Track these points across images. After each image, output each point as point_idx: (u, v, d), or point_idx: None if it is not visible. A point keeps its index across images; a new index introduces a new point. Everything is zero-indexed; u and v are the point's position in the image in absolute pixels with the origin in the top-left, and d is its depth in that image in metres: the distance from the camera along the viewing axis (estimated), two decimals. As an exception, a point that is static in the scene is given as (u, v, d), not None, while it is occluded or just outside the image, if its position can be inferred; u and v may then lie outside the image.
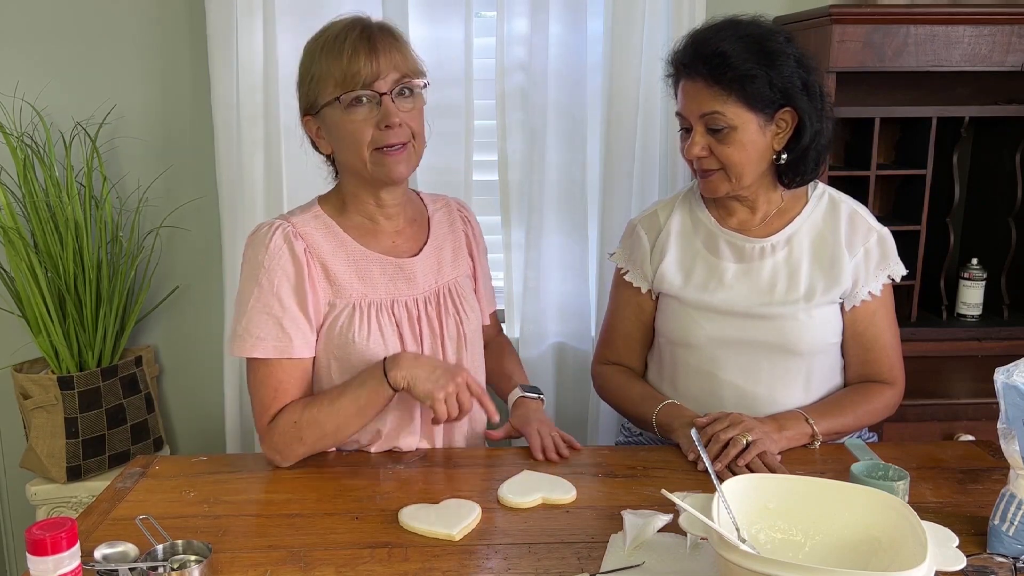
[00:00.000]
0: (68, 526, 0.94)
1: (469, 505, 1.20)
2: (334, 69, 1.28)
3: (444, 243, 1.49)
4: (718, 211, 1.56)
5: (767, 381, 1.48)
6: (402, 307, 1.40)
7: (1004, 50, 1.88)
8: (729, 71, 1.38)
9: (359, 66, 1.27)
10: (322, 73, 1.30)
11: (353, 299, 1.37)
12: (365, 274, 1.39)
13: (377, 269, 1.40)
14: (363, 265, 1.39)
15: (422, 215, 1.51)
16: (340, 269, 1.37)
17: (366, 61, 1.27)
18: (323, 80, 1.30)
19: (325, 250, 1.37)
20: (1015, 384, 1.03)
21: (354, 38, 1.28)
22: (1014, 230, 2.09)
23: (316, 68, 1.31)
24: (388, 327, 1.38)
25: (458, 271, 1.50)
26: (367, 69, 1.27)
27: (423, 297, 1.42)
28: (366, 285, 1.38)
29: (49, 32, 2.10)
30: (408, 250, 1.44)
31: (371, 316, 1.37)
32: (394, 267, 1.41)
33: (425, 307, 1.42)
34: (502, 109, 2.07)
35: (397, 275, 1.41)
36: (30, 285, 1.97)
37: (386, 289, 1.39)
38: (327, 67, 1.29)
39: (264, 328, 1.33)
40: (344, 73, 1.28)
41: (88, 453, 2.03)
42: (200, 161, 2.15)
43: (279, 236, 1.35)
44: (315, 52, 1.32)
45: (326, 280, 1.37)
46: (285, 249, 1.34)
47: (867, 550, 0.98)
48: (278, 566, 1.07)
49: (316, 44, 1.33)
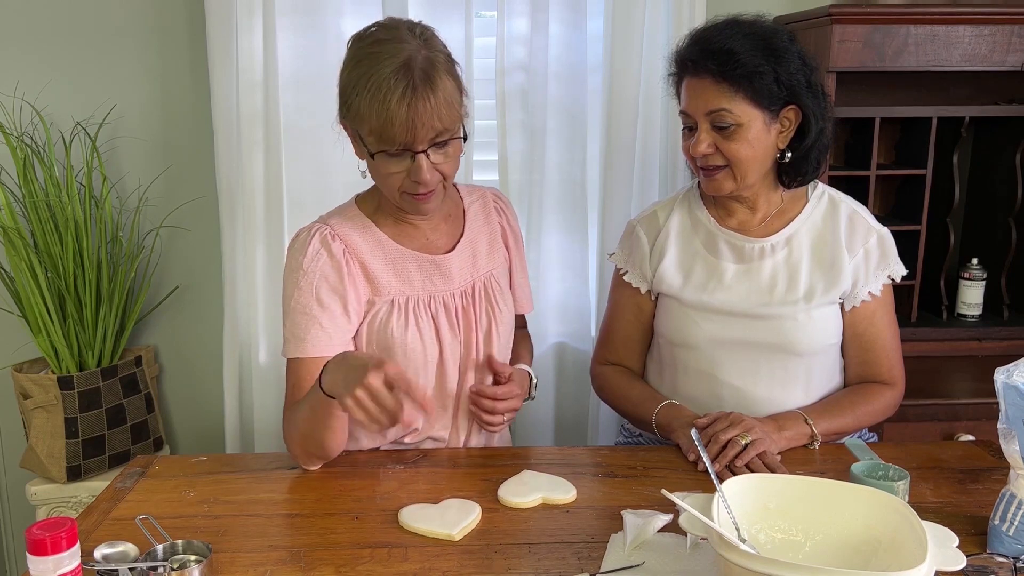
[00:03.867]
0: (68, 526, 0.93)
1: (469, 505, 1.20)
2: (372, 121, 1.24)
3: (479, 236, 1.50)
4: (718, 211, 1.56)
5: (767, 382, 1.48)
6: (439, 302, 1.42)
7: (1004, 50, 1.88)
8: (738, 67, 1.38)
9: (395, 132, 1.23)
10: (360, 114, 1.25)
11: (392, 296, 1.39)
12: (402, 271, 1.41)
13: (414, 266, 1.41)
14: (400, 263, 1.41)
15: (458, 208, 1.51)
16: (378, 267, 1.39)
17: (403, 127, 1.23)
18: (361, 121, 1.26)
19: (363, 250, 1.39)
20: (1015, 384, 1.03)
21: (396, 99, 1.21)
22: (1014, 230, 2.09)
23: (355, 102, 1.25)
24: (425, 322, 1.40)
25: (494, 263, 1.50)
26: (403, 135, 1.24)
27: (459, 292, 1.44)
28: (403, 282, 1.40)
29: (49, 32, 2.10)
30: (444, 246, 1.46)
31: (408, 312, 1.39)
32: (430, 264, 1.42)
33: (462, 301, 1.44)
34: (502, 109, 2.07)
35: (433, 272, 1.42)
36: (30, 285, 1.97)
37: (423, 286, 1.41)
38: (366, 113, 1.24)
39: (303, 328, 1.35)
40: (381, 132, 1.24)
41: (88, 453, 2.03)
42: (200, 161, 2.15)
43: (317, 240, 1.37)
44: (358, 84, 1.24)
45: (365, 279, 1.39)
46: (323, 252, 1.37)
47: (867, 550, 0.98)
48: (278, 566, 1.07)
49: (360, 72, 1.25)
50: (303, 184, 2.09)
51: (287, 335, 1.37)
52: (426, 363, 1.40)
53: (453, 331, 1.42)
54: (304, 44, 2.04)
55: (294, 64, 2.05)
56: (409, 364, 1.38)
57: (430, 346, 1.39)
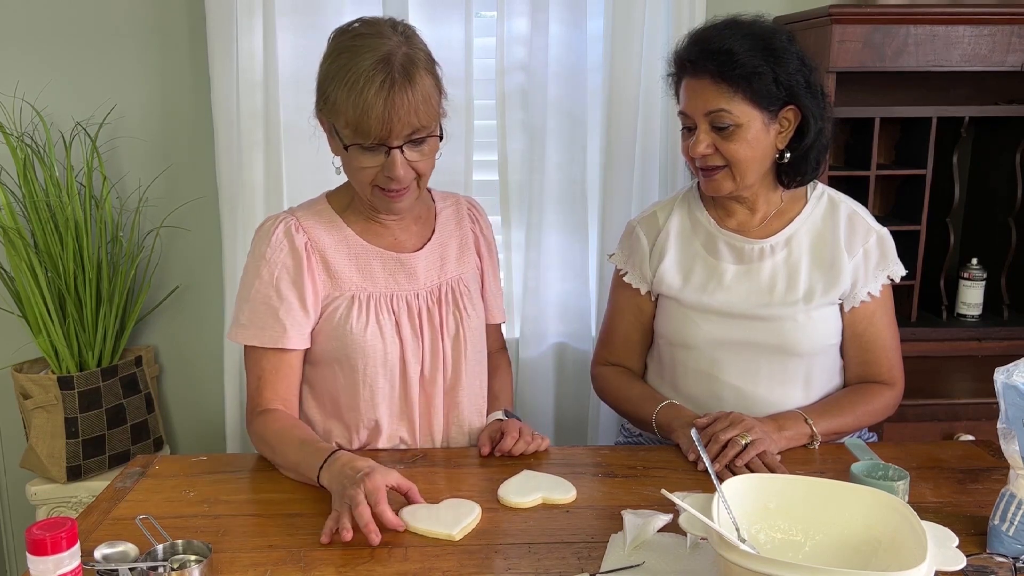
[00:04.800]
0: (68, 526, 0.94)
1: (469, 505, 1.20)
2: (348, 112, 1.25)
3: (450, 240, 1.50)
4: (717, 212, 1.56)
5: (766, 382, 1.48)
6: (401, 301, 1.41)
7: (1004, 50, 1.88)
8: (737, 68, 1.38)
9: (370, 124, 1.24)
10: (337, 106, 1.26)
11: (351, 291, 1.39)
12: (365, 268, 1.40)
13: (378, 263, 1.41)
14: (364, 259, 1.41)
15: (429, 212, 1.51)
16: (340, 262, 1.39)
17: (379, 120, 1.23)
18: (337, 113, 1.27)
19: (326, 243, 1.39)
20: (1015, 384, 1.03)
21: (373, 92, 1.22)
22: (1014, 230, 2.09)
23: (333, 94, 1.26)
24: (387, 320, 1.39)
25: (463, 268, 1.50)
26: (379, 128, 1.24)
27: (424, 292, 1.43)
28: (365, 278, 1.40)
29: (49, 32, 2.10)
30: (412, 246, 1.46)
31: (369, 308, 1.39)
32: (395, 262, 1.42)
33: (426, 302, 1.43)
34: (502, 109, 2.07)
35: (398, 270, 1.42)
36: (30, 285, 1.97)
37: (385, 283, 1.41)
38: (343, 105, 1.25)
39: (260, 317, 1.37)
40: (357, 124, 1.25)
41: (88, 453, 2.03)
42: (200, 161, 2.15)
43: (281, 229, 1.39)
44: (336, 76, 1.26)
45: (325, 273, 1.39)
46: (286, 242, 1.38)
47: (867, 550, 0.98)
48: (278, 566, 1.07)
49: (339, 65, 1.26)
50: (303, 184, 2.08)
51: (244, 321, 1.38)
52: (386, 361, 1.39)
53: (415, 331, 1.41)
54: (304, 44, 2.04)
55: (294, 64, 2.05)
56: (368, 362, 1.38)
57: (391, 343, 1.39)
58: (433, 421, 1.46)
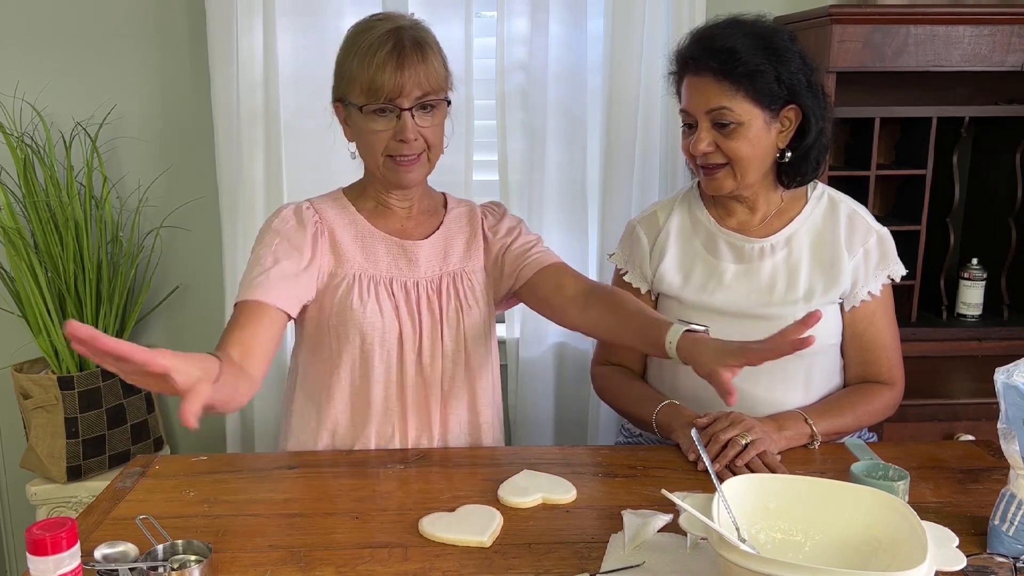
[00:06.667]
0: (68, 526, 0.94)
1: (488, 510, 1.18)
2: (362, 77, 1.33)
3: (457, 235, 1.50)
4: (717, 211, 1.56)
5: (767, 382, 1.48)
6: (400, 287, 1.43)
7: (1004, 50, 1.88)
8: (739, 66, 1.38)
9: (383, 81, 1.31)
10: (352, 75, 1.34)
11: (355, 271, 1.42)
12: (369, 250, 1.44)
13: (382, 247, 1.44)
14: (369, 241, 1.44)
15: (440, 209, 1.53)
16: (347, 242, 1.43)
17: (391, 77, 1.31)
18: (352, 82, 1.35)
19: (336, 223, 1.44)
20: (1015, 384, 1.03)
21: (385, 52, 1.31)
22: (1014, 230, 2.09)
23: (348, 67, 1.35)
24: (387, 303, 1.42)
25: (468, 263, 1.50)
26: (391, 85, 1.31)
27: (424, 280, 1.45)
28: (368, 260, 1.43)
29: (49, 32, 2.10)
30: (417, 234, 1.48)
31: (370, 289, 1.41)
32: (398, 247, 1.45)
33: (426, 290, 1.44)
34: (502, 109, 2.07)
35: (400, 255, 1.45)
36: (30, 285, 1.97)
37: (387, 267, 1.44)
38: (357, 72, 1.33)
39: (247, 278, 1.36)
40: (370, 84, 1.32)
41: (88, 453, 2.03)
42: (200, 161, 2.15)
43: (291, 208, 1.45)
44: (351, 50, 1.35)
45: (331, 251, 1.43)
46: (293, 218, 1.43)
47: (867, 550, 0.98)
48: (278, 566, 1.07)
49: (354, 41, 1.36)
50: (303, 184, 2.08)
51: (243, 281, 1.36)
52: (384, 340, 1.40)
53: (412, 316, 1.43)
54: (304, 44, 2.04)
55: (294, 64, 2.05)
56: (365, 339, 1.40)
57: (389, 323, 1.41)
58: (431, 413, 1.45)
